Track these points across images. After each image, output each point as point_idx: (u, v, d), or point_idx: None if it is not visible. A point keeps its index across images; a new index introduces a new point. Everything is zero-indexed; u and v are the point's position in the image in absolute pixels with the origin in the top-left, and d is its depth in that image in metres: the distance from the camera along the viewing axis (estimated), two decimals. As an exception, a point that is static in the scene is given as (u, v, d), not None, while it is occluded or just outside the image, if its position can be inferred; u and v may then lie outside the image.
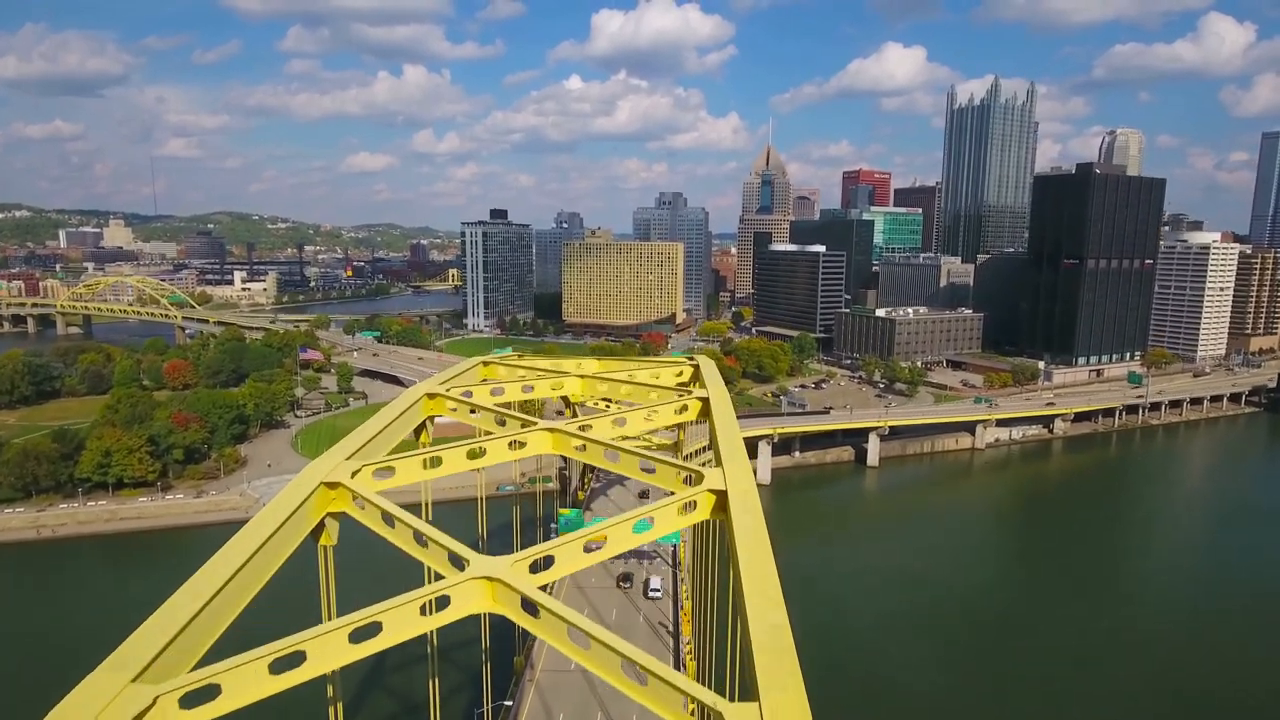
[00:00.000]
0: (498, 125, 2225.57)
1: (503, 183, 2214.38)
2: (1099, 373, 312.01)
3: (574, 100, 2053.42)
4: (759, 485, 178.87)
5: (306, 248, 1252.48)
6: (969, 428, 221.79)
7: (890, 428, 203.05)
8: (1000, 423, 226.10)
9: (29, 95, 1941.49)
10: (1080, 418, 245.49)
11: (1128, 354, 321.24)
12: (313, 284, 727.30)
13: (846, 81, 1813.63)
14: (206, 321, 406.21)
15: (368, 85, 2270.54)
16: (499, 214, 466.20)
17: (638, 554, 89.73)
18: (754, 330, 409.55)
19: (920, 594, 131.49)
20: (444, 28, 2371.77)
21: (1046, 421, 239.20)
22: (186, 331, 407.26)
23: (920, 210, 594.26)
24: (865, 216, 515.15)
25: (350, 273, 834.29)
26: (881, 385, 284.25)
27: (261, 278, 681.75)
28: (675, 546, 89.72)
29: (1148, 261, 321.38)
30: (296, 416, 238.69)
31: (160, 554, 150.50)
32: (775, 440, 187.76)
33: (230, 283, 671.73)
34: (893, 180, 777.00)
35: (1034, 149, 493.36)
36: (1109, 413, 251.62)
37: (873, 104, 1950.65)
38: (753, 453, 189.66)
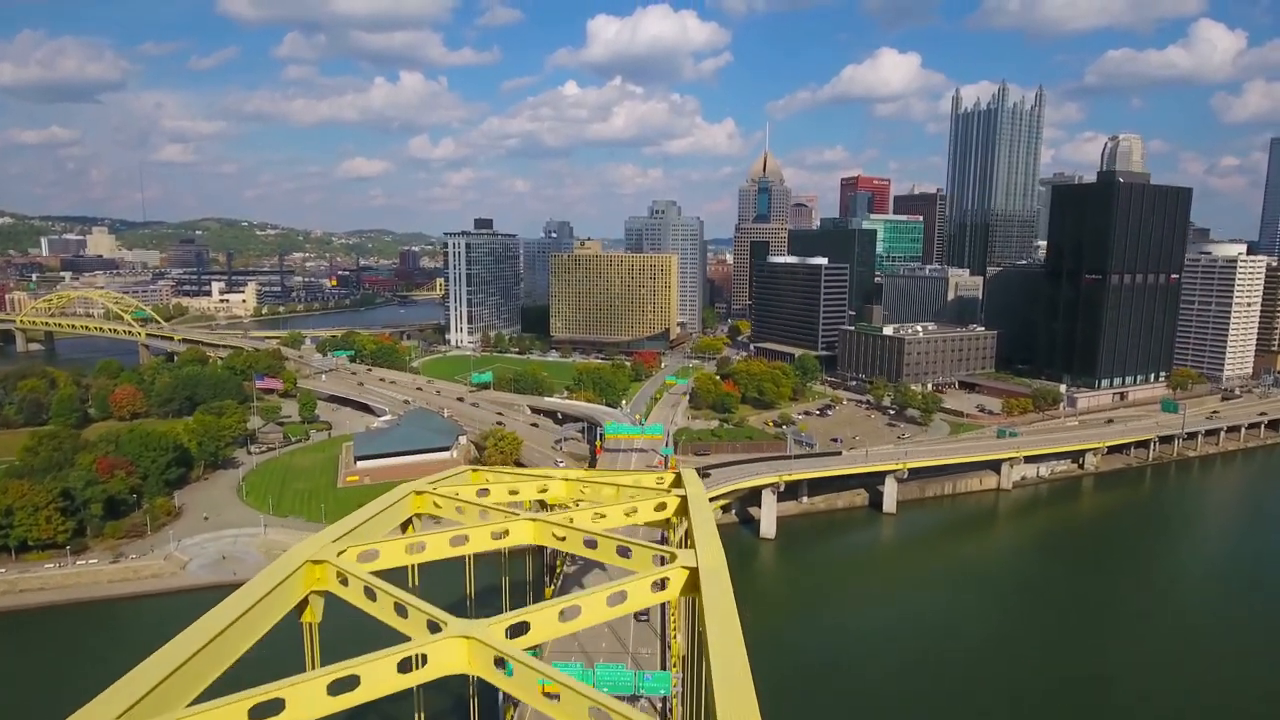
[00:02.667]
0: (494, 131, 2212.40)
1: (498, 188, 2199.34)
2: (1123, 395, 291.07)
3: (570, 106, 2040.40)
4: (763, 539, 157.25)
5: (295, 255, 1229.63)
6: (994, 465, 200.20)
7: (909, 469, 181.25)
8: (1027, 459, 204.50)
9: (26, 101, 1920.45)
10: (1111, 450, 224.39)
11: (1152, 375, 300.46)
12: (295, 294, 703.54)
13: (841, 88, 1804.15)
14: (171, 339, 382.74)
15: (364, 91, 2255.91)
16: (484, 223, 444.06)
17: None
18: (751, 346, 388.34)
19: (956, 677, 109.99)
20: (442, 34, 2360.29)
21: (1075, 455, 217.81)
22: (151, 350, 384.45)
23: (921, 218, 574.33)
24: (865, 225, 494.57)
25: (335, 282, 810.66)
26: (892, 412, 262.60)
27: (241, 288, 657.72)
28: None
29: (1173, 276, 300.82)
30: (250, 453, 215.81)
31: (63, 635, 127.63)
32: (781, 488, 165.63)
33: (208, 294, 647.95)
34: (892, 187, 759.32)
35: (1040, 155, 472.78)
36: (1142, 444, 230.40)
37: (867, 110, 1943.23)
38: (755, 500, 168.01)
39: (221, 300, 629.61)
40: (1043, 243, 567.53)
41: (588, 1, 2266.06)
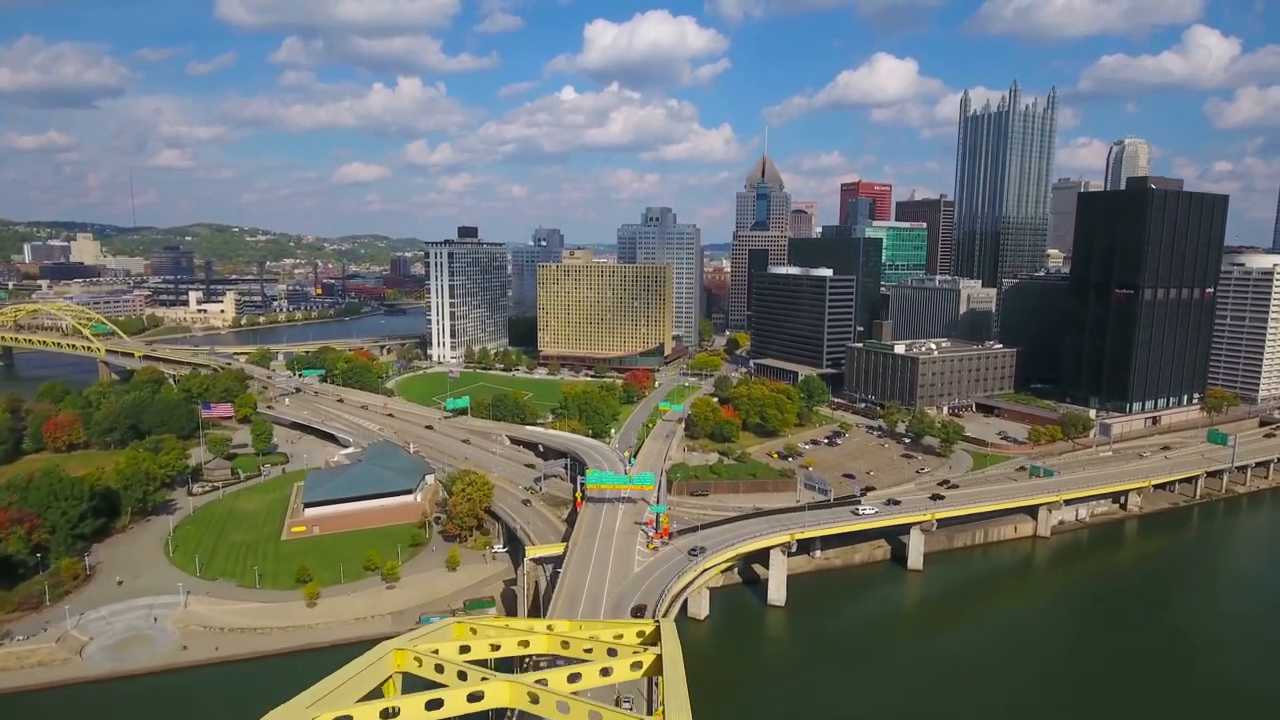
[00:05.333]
0: (491, 136, 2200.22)
1: (495, 193, 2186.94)
2: (1155, 420, 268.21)
3: (567, 111, 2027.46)
4: (771, 606, 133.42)
5: (286, 261, 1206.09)
6: (1029, 508, 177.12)
7: (938, 519, 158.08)
8: (1067, 500, 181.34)
9: (24, 107, 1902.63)
10: (1155, 487, 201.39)
11: (1185, 397, 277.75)
12: (276, 304, 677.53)
13: (837, 93, 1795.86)
14: (132, 355, 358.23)
15: (362, 97, 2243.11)
16: (468, 231, 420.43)
17: None
18: (751, 363, 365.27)
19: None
20: (441, 41, 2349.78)
21: (1117, 494, 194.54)
22: (110, 367, 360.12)
23: (925, 225, 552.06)
24: (869, 233, 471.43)
25: (319, 291, 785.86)
26: (907, 440, 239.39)
27: (219, 298, 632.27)
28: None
29: (1208, 290, 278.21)
30: (191, 493, 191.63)
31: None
32: (793, 547, 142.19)
33: (185, 304, 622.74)
34: (893, 192, 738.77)
35: (1053, 160, 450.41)
36: (1185, 478, 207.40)
37: (863, 116, 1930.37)
38: (763, 559, 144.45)
39: (199, 311, 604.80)
40: (1054, 251, 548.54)
41: (587, 8, 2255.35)
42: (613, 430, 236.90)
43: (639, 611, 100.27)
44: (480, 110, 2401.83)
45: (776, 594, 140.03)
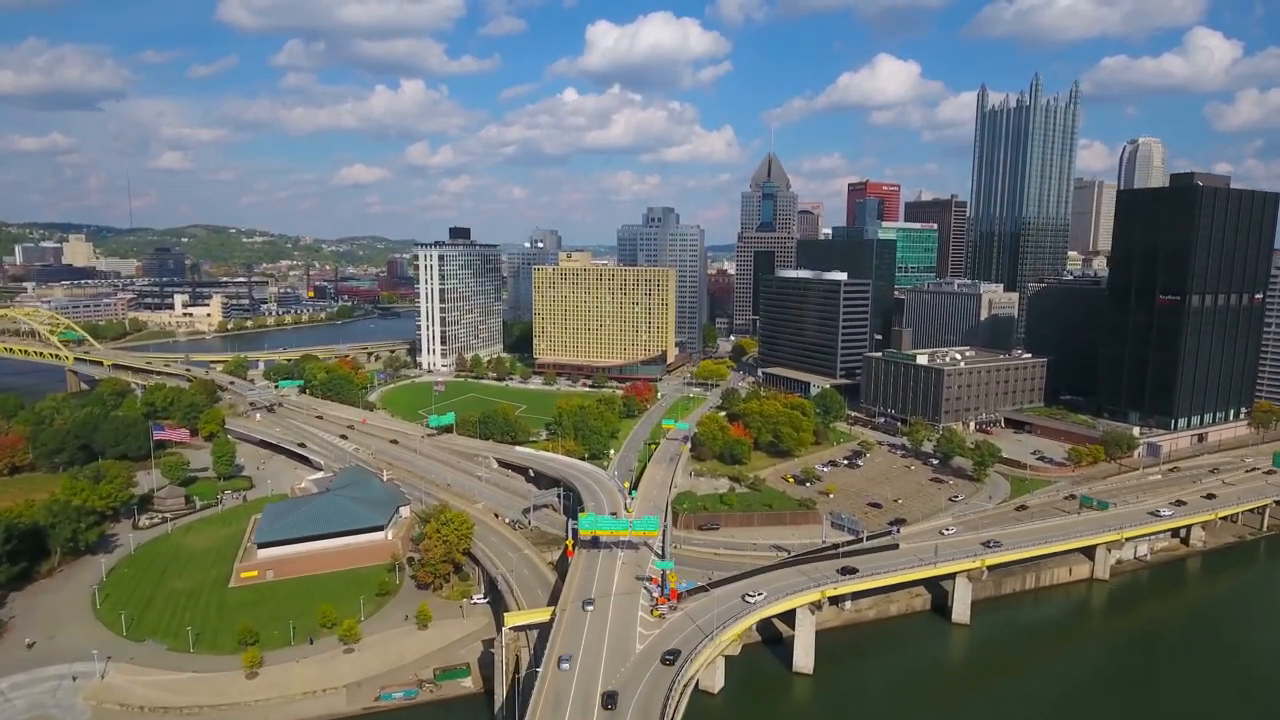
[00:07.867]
0: (492, 139, 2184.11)
1: (495, 196, 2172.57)
2: (1201, 438, 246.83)
3: (568, 113, 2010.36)
4: (797, 673, 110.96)
5: (282, 263, 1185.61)
6: (1087, 548, 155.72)
7: (988, 566, 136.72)
8: (1128, 537, 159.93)
9: (27, 109, 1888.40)
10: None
11: (1232, 412, 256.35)
12: (265, 307, 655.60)
13: (838, 96, 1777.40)
14: (101, 363, 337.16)
15: (364, 99, 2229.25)
16: (460, 233, 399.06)
17: None
18: (759, 372, 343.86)
19: None
20: (444, 44, 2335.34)
21: (1178, 528, 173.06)
22: (79, 376, 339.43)
23: (935, 226, 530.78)
24: (880, 234, 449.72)
25: (312, 294, 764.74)
26: (935, 461, 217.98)
27: (205, 301, 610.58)
28: None
29: (1256, 296, 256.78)
30: (137, 526, 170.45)
31: None
32: (823, 605, 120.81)
33: (170, 307, 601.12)
34: (901, 193, 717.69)
35: (1075, 158, 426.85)
36: (1253, 509, 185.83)
37: (863, 118, 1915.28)
38: (788, 619, 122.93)
39: (184, 314, 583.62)
40: (1072, 254, 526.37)
41: (590, 11, 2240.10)
42: (611, 451, 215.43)
43: None
44: (481, 112, 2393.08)
45: (803, 659, 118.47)
